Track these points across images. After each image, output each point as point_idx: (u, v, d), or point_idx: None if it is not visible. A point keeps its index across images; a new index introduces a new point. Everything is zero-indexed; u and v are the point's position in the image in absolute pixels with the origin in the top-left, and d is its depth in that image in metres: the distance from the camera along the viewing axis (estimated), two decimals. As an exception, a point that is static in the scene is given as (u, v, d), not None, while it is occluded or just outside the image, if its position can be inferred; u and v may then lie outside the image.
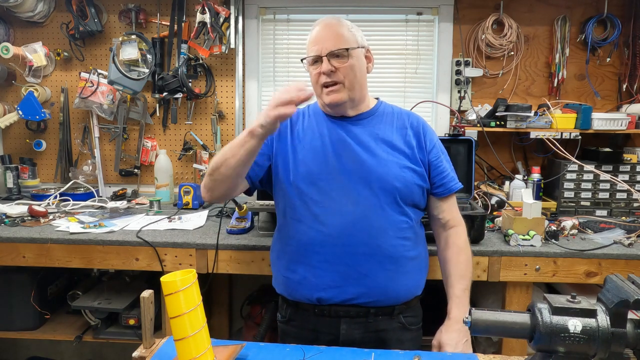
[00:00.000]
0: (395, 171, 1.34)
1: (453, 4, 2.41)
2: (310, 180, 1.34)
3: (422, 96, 2.51)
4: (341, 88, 1.33)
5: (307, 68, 1.38)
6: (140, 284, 2.11)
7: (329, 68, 1.31)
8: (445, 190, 1.42)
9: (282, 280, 1.42)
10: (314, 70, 1.34)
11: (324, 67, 1.31)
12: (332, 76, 1.32)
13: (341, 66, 1.32)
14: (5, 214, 2.04)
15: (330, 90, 1.33)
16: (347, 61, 1.32)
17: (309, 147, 1.38)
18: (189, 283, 0.97)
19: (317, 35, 1.34)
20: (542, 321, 0.85)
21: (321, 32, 1.34)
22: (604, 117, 2.18)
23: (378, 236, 1.31)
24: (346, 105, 1.37)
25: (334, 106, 1.36)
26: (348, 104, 1.37)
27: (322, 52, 1.31)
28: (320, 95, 1.36)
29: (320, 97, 1.37)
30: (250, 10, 2.47)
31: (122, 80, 2.30)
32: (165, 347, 1.12)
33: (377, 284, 1.31)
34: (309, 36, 1.37)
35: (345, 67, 1.32)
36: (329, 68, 1.31)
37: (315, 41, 1.33)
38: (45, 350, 2.59)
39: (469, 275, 1.42)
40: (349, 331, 1.35)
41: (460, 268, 1.42)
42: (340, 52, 1.32)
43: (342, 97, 1.33)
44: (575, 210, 2.19)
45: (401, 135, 1.40)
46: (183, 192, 2.26)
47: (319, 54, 1.32)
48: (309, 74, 1.38)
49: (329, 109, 1.38)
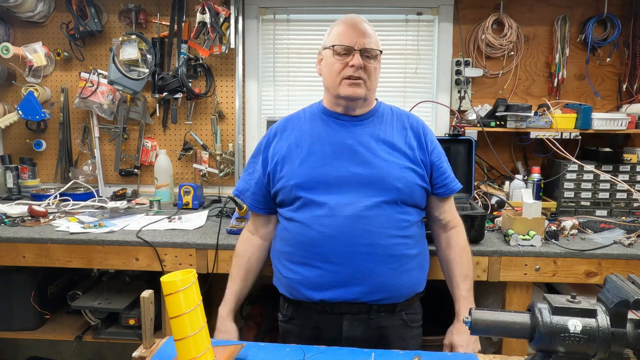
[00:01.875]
0: (397, 172, 1.34)
1: (453, 4, 2.41)
2: (311, 182, 1.34)
3: (422, 96, 2.51)
4: (362, 85, 1.35)
5: (325, 57, 1.38)
6: (140, 284, 2.10)
7: (361, 63, 1.33)
8: (447, 191, 1.44)
9: (283, 281, 1.42)
10: (341, 60, 1.34)
11: (355, 61, 1.32)
12: (358, 72, 1.33)
13: (369, 66, 1.34)
14: (5, 214, 2.04)
15: (353, 83, 1.34)
16: (374, 63, 1.36)
17: (308, 150, 1.38)
18: (189, 283, 0.97)
19: (350, 28, 1.35)
20: (542, 321, 0.85)
21: (355, 26, 1.35)
22: (604, 117, 2.18)
23: (379, 235, 1.31)
24: (359, 103, 1.39)
25: (350, 99, 1.36)
26: (361, 102, 1.39)
27: (356, 46, 1.32)
28: (336, 87, 1.36)
29: (336, 89, 1.36)
30: (250, 10, 2.47)
31: (122, 80, 2.30)
32: (165, 347, 1.12)
33: (379, 282, 1.32)
34: (337, 27, 1.37)
35: (371, 68, 1.35)
36: (361, 63, 1.33)
37: (349, 33, 1.34)
38: (45, 350, 2.59)
39: (471, 274, 1.46)
40: (351, 328, 1.35)
41: (464, 268, 1.45)
42: (373, 52, 1.35)
43: (362, 93, 1.35)
44: (575, 210, 2.19)
45: (402, 136, 1.40)
46: (183, 192, 2.26)
47: (352, 46, 1.33)
48: (325, 63, 1.38)
49: (344, 101, 1.38)
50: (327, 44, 1.38)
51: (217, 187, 2.55)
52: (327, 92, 1.42)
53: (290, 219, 1.38)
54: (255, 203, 1.49)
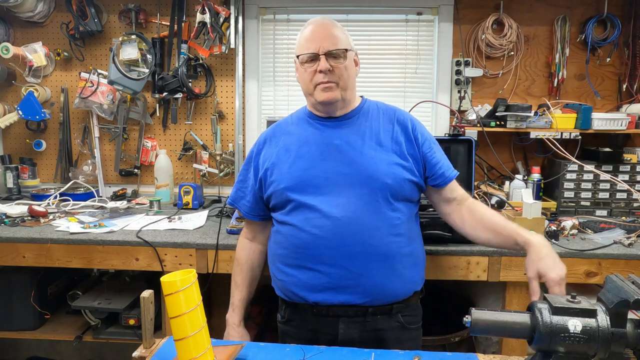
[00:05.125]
0: (384, 168, 1.34)
1: (453, 4, 2.41)
2: (300, 187, 1.35)
3: (422, 96, 2.51)
4: (335, 87, 1.35)
5: (297, 66, 1.40)
6: (140, 284, 2.10)
7: (327, 67, 1.32)
8: (445, 180, 1.42)
9: (278, 283, 1.43)
10: (309, 68, 1.35)
11: (322, 66, 1.32)
12: (328, 75, 1.33)
13: (337, 66, 1.34)
14: (5, 214, 2.04)
15: (326, 87, 1.34)
16: (343, 62, 1.35)
17: (296, 154, 1.39)
18: (189, 283, 0.97)
19: (313, 34, 1.35)
20: (542, 321, 0.85)
21: (318, 31, 1.35)
22: (604, 117, 2.18)
23: (371, 235, 1.31)
24: (337, 105, 1.39)
25: (327, 104, 1.37)
26: (339, 104, 1.39)
27: (320, 51, 1.32)
28: (312, 94, 1.37)
29: (313, 96, 1.37)
30: (250, 10, 2.47)
31: (122, 80, 2.30)
32: (165, 347, 1.12)
33: (373, 282, 1.31)
34: (302, 34, 1.38)
35: (340, 68, 1.34)
36: (327, 67, 1.32)
37: (312, 39, 1.34)
38: (45, 350, 2.60)
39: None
40: (347, 331, 1.34)
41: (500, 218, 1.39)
42: (338, 52, 1.34)
43: (336, 96, 1.35)
44: (575, 210, 2.19)
45: (388, 131, 1.40)
46: (183, 192, 2.26)
47: (316, 52, 1.33)
48: (298, 72, 1.40)
49: (321, 107, 1.39)
50: (296, 54, 1.39)
51: (217, 187, 2.55)
52: (307, 99, 1.44)
53: (283, 222, 1.39)
54: (249, 211, 1.51)
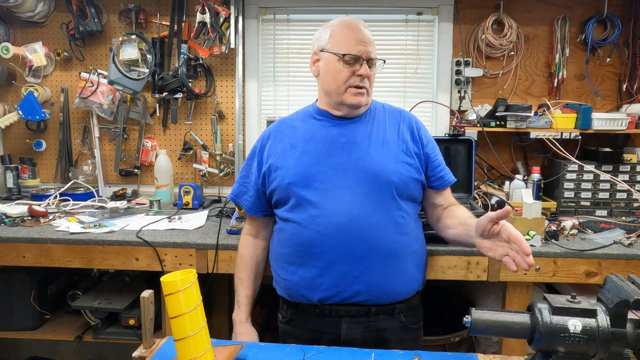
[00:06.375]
0: (391, 166, 1.35)
1: (453, 4, 2.41)
2: (305, 183, 1.35)
3: (422, 96, 2.51)
4: (365, 93, 1.38)
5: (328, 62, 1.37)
6: (140, 284, 2.10)
7: (368, 73, 1.35)
8: (443, 183, 1.45)
9: (281, 283, 1.42)
10: (349, 68, 1.34)
11: (364, 71, 1.34)
12: (364, 81, 1.35)
13: (372, 74, 1.38)
14: (5, 214, 2.04)
15: (358, 92, 1.36)
16: (374, 71, 1.39)
17: (302, 150, 1.39)
18: (189, 283, 0.97)
19: (359, 36, 1.35)
20: (542, 321, 0.85)
21: (362, 36, 1.36)
22: (604, 117, 2.18)
23: (376, 233, 1.31)
24: (361, 109, 1.42)
25: (354, 107, 1.39)
26: (362, 108, 1.42)
27: (365, 55, 1.34)
28: (341, 94, 1.37)
29: (341, 95, 1.37)
30: (250, 10, 2.47)
31: (122, 80, 2.30)
32: (165, 347, 1.12)
33: (376, 280, 1.32)
34: (343, 33, 1.36)
35: (372, 76, 1.39)
36: (368, 73, 1.35)
37: (359, 41, 1.34)
38: (45, 350, 2.59)
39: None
40: (350, 331, 1.35)
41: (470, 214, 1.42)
42: (375, 61, 1.38)
43: (366, 101, 1.39)
44: (575, 210, 2.19)
45: (394, 131, 1.42)
46: (183, 192, 2.26)
47: (360, 55, 1.34)
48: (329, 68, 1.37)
49: (347, 108, 1.40)
50: (330, 49, 1.36)
51: (217, 187, 2.55)
52: (328, 97, 1.41)
53: (287, 219, 1.38)
54: (252, 206, 1.50)
